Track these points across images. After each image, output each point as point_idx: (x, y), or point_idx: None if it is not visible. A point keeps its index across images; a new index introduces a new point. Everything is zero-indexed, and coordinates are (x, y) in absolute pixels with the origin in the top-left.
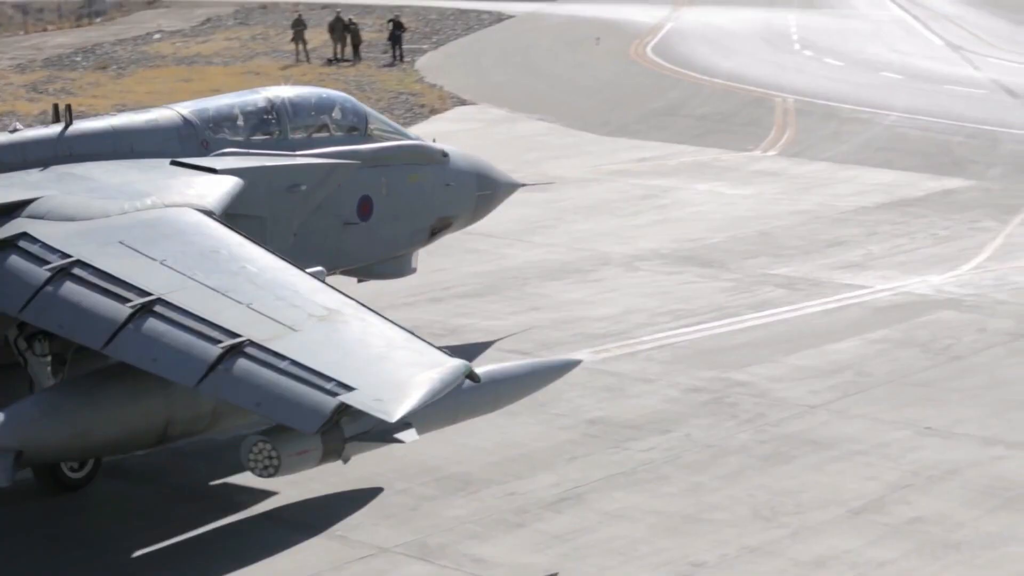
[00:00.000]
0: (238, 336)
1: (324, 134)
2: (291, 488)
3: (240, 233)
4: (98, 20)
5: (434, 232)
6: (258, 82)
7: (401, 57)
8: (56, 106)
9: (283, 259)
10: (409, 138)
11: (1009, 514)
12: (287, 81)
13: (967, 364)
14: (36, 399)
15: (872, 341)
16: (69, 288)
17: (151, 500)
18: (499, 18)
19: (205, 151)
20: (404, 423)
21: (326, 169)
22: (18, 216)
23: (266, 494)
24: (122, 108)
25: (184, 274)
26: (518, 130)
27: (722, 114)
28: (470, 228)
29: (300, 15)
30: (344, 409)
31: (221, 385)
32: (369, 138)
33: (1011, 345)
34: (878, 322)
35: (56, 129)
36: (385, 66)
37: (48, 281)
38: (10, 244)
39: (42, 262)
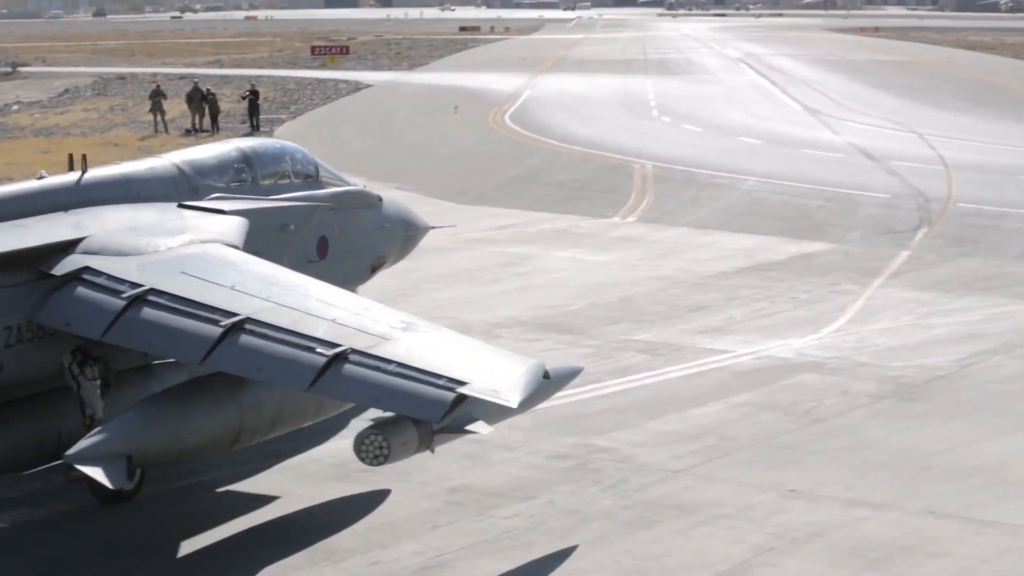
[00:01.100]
0: (338, 346)
1: (286, 180)
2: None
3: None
4: None
5: (373, 270)
6: (116, 153)
7: (258, 127)
8: (71, 156)
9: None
10: (348, 184)
11: (874, 575)
12: (143, 152)
13: (829, 426)
14: (139, 410)
15: (735, 405)
16: (150, 313)
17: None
18: (357, 87)
19: (196, 196)
20: (472, 418)
21: (308, 210)
22: (72, 252)
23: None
24: None
25: (259, 297)
26: None
27: (581, 181)
28: None
29: (158, 85)
30: (460, 400)
31: (334, 387)
32: (321, 184)
33: (873, 407)
34: (740, 386)
35: (74, 177)
36: (245, 135)
37: (127, 307)
38: (75, 277)
39: (115, 292)
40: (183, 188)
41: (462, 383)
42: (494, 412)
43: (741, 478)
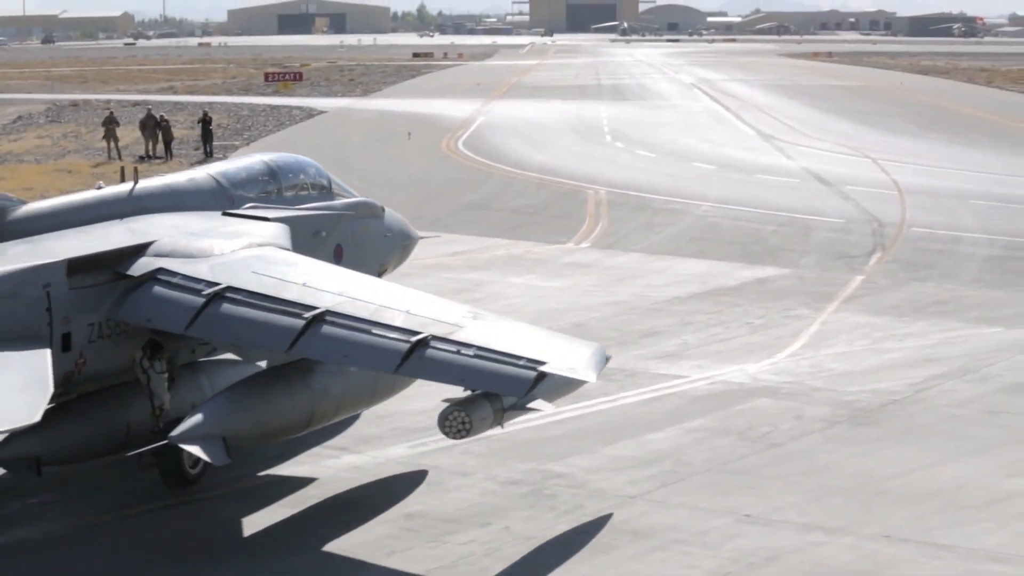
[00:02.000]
0: (419, 333)
1: (305, 192)
2: None
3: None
4: None
5: (378, 276)
6: (70, 180)
7: (211, 153)
8: (123, 168)
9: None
10: (354, 195)
11: None
12: (97, 179)
13: (784, 451)
14: (228, 396)
15: (689, 430)
16: (231, 308)
17: None
18: (310, 114)
19: (233, 205)
20: (532, 397)
21: (335, 218)
22: (144, 255)
23: None
24: None
25: (331, 292)
26: None
27: (534, 207)
28: None
29: (111, 112)
30: (540, 378)
31: (419, 369)
32: (333, 195)
33: (828, 432)
34: (695, 411)
35: (126, 188)
36: (197, 163)
37: (207, 304)
38: (151, 277)
39: (193, 290)
40: (221, 198)
41: (541, 363)
42: (556, 392)
43: (696, 503)
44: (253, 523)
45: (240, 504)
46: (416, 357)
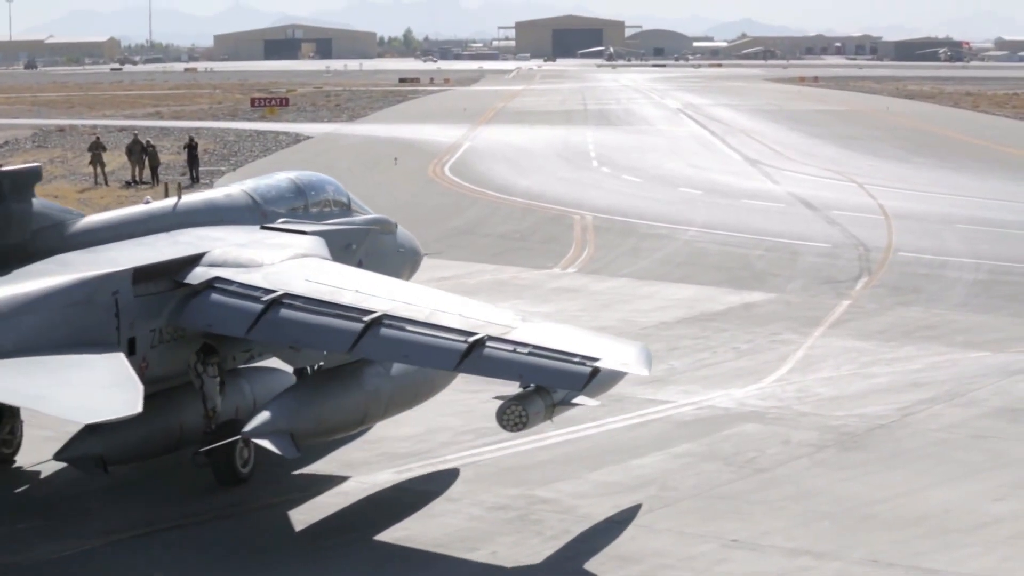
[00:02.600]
0: (475, 333)
1: (328, 208)
2: None
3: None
4: None
5: None
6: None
7: (198, 179)
8: (167, 184)
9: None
10: (370, 212)
11: None
12: (81, 204)
13: (771, 476)
14: (293, 393)
15: (676, 455)
16: (289, 313)
17: None
18: (297, 139)
19: (267, 220)
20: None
21: (363, 233)
22: (198, 266)
23: None
24: None
25: (385, 298)
26: None
27: (521, 232)
28: None
29: (98, 138)
30: (594, 373)
31: (478, 366)
32: (352, 212)
33: (815, 456)
34: (682, 436)
35: (171, 203)
36: (184, 188)
37: (266, 310)
38: (208, 285)
39: (251, 297)
40: (256, 213)
41: (595, 359)
42: (599, 388)
43: (683, 528)
44: (238, 548)
45: (226, 529)
46: (475, 356)
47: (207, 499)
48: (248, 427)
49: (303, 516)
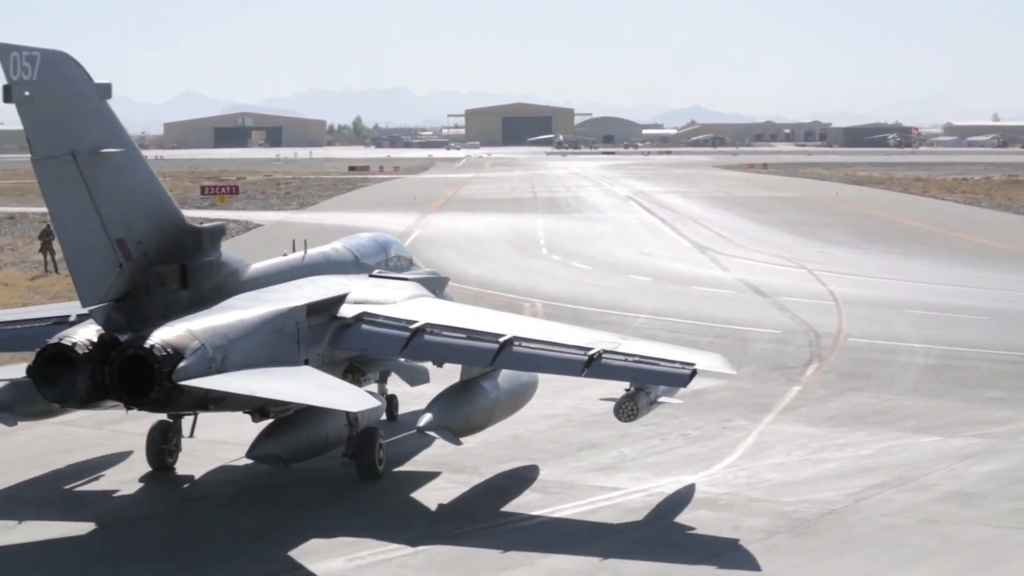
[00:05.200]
0: (591, 348)
1: (400, 262)
2: None
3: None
4: None
5: None
6: (7, 293)
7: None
8: (294, 240)
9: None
10: (423, 267)
11: None
12: (32, 292)
13: (723, 561)
14: (445, 399)
15: (628, 543)
16: (434, 338)
17: None
18: (247, 227)
19: (364, 271)
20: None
21: (441, 281)
22: (344, 304)
23: None
24: None
25: (505, 324)
26: None
27: None
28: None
29: (48, 225)
30: (693, 374)
31: (600, 372)
32: (415, 266)
33: (766, 542)
34: (633, 523)
35: (299, 255)
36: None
37: (413, 336)
38: (359, 319)
39: (399, 326)
40: (358, 265)
41: (691, 363)
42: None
43: None
44: None
45: None
46: (596, 364)
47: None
48: (420, 423)
49: None
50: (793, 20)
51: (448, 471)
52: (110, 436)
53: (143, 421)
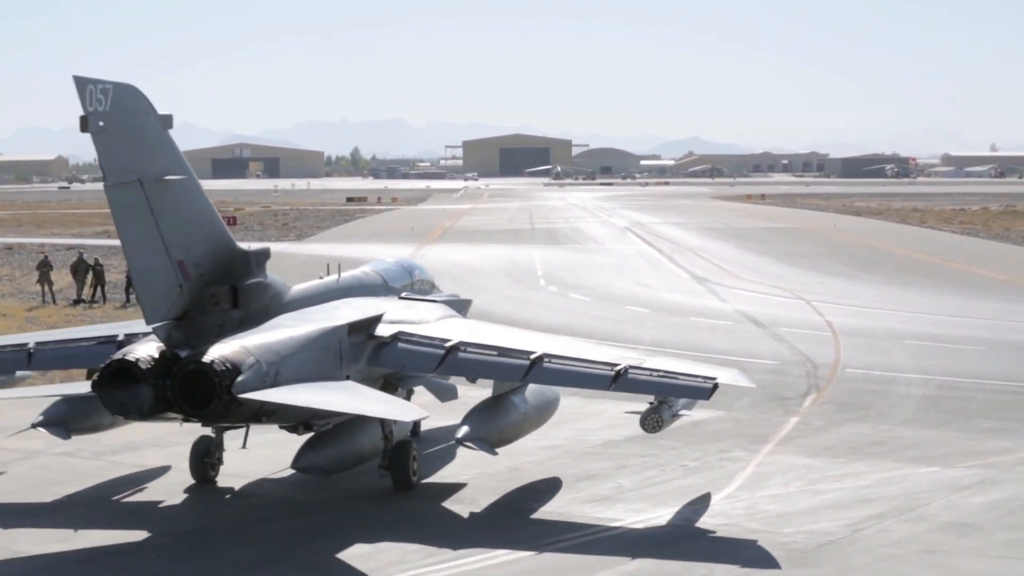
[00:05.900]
0: (618, 364)
1: (423, 285)
2: None
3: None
4: None
5: None
6: (3, 324)
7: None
8: (328, 265)
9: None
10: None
11: None
12: (29, 323)
13: None
14: (479, 412)
15: (626, 574)
16: (468, 355)
17: None
18: None
19: (393, 293)
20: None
21: (464, 303)
22: (380, 323)
23: None
24: None
25: (534, 341)
26: None
27: None
28: None
29: (46, 256)
30: (715, 388)
31: (627, 386)
32: (436, 289)
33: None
34: (630, 555)
35: (334, 278)
36: (121, 306)
37: (448, 353)
38: (395, 338)
39: (434, 345)
40: (387, 288)
41: (712, 378)
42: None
43: None
44: None
45: None
46: (623, 380)
47: None
48: (459, 434)
49: None
50: (791, 52)
51: (448, 503)
52: (107, 467)
53: (141, 453)
